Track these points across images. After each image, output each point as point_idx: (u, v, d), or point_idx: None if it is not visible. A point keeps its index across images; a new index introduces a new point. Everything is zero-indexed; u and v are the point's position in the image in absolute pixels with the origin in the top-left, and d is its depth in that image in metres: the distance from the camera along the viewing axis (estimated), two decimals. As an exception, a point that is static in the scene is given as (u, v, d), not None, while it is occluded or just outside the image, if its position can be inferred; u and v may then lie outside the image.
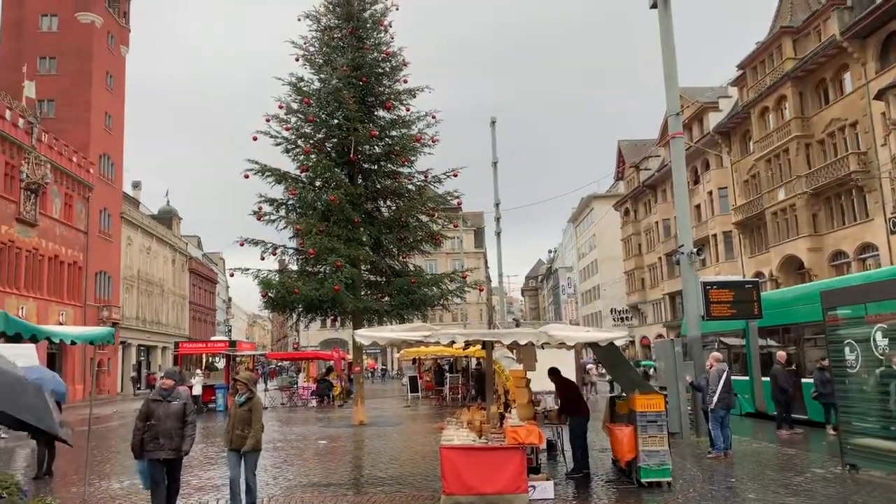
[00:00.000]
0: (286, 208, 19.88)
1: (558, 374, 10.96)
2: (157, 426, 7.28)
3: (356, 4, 20.66)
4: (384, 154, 20.22)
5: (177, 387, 7.71)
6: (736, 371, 18.77)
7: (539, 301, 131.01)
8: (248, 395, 7.87)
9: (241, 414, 7.79)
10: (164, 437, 7.26)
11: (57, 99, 42.70)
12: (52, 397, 9.79)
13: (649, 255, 55.41)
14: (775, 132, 34.00)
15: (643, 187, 54.75)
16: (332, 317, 20.59)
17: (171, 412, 7.35)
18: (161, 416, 7.32)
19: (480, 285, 23.56)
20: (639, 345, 57.95)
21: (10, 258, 33.41)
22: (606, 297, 67.72)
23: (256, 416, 7.78)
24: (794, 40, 33.25)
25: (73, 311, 39.54)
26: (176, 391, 7.58)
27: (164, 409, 7.37)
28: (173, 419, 7.34)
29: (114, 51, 48.09)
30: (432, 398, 29.74)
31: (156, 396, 7.49)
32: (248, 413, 7.77)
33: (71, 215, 40.14)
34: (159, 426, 7.28)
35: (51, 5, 44.41)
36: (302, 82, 20.13)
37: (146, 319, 52.37)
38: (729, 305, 15.30)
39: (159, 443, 7.26)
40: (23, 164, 34.43)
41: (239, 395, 7.94)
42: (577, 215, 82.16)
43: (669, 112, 16.07)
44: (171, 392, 7.50)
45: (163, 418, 7.31)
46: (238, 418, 7.78)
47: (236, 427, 7.74)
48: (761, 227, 36.66)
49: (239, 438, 7.70)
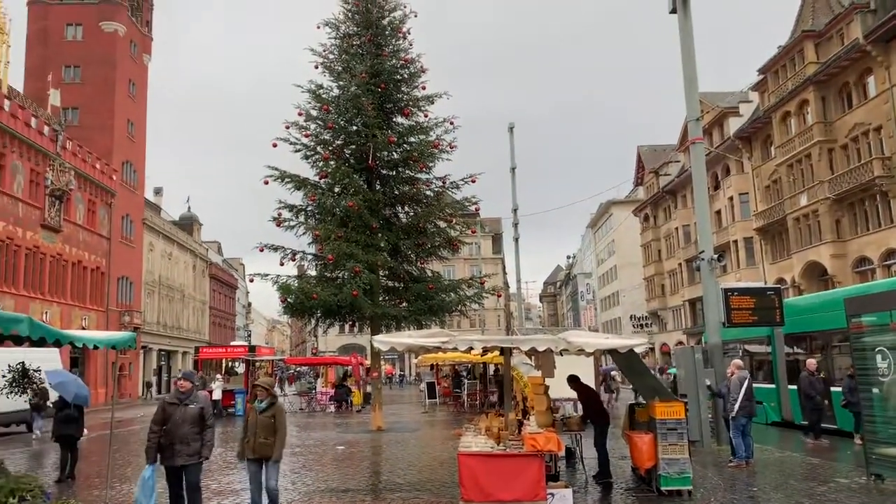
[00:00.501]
0: (305, 214, 20.02)
1: (578, 381, 10.91)
2: (173, 431, 6.96)
3: (375, 12, 20.80)
4: (402, 160, 20.29)
5: (195, 390, 7.42)
6: (761, 379, 18.51)
7: (557, 307, 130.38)
8: (269, 401, 7.39)
9: (263, 421, 7.26)
10: (179, 442, 6.94)
11: (81, 107, 43.39)
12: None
13: (669, 261, 54.97)
14: (797, 137, 33.62)
15: (663, 193, 54.37)
16: (351, 322, 20.69)
17: (187, 416, 7.03)
18: (177, 421, 6.99)
19: (498, 291, 23.50)
20: (658, 352, 57.43)
21: (35, 263, 33.94)
22: (626, 304, 67.24)
23: (281, 422, 7.30)
24: (816, 44, 32.88)
25: (96, 315, 40.05)
26: (194, 394, 7.28)
27: (180, 412, 7.05)
28: (189, 424, 7.02)
29: (136, 59, 48.79)
30: (450, 404, 29.68)
31: (172, 399, 7.17)
32: (270, 420, 7.25)
33: (94, 221, 40.70)
34: (175, 431, 6.96)
35: (76, 15, 45.20)
36: (321, 89, 20.29)
37: (167, 324, 52.90)
38: (750, 312, 15.13)
39: (174, 449, 6.95)
40: (48, 171, 34.99)
41: (259, 400, 7.41)
42: (595, 221, 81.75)
43: (689, 117, 15.96)
44: (189, 395, 7.19)
45: (178, 423, 6.98)
46: (260, 426, 7.24)
47: (259, 435, 7.19)
48: (783, 233, 36.23)
49: (262, 447, 7.17)
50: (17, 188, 32.63)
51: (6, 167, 31.75)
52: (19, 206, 32.62)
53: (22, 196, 32.90)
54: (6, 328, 6.43)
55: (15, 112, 32.46)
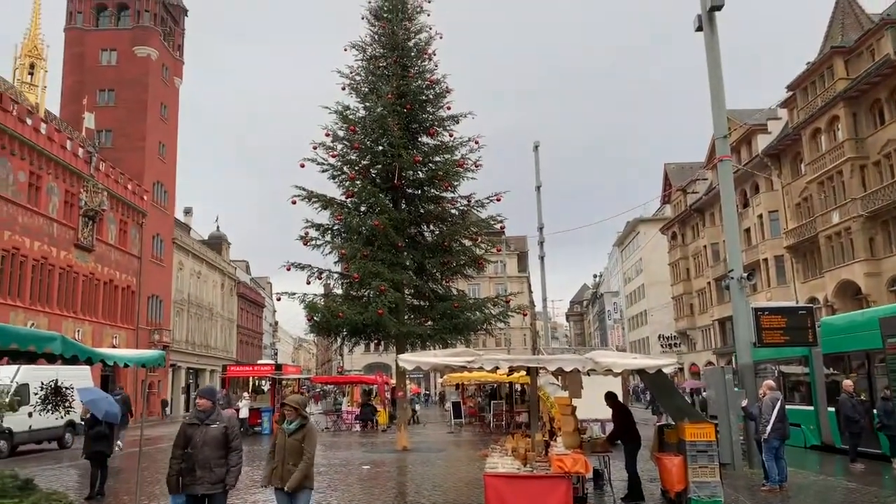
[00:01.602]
0: (332, 233, 20.18)
1: (616, 399, 10.77)
2: (194, 455, 6.22)
3: (401, 35, 21.06)
4: (427, 179, 20.40)
5: (217, 407, 6.60)
6: (798, 401, 18.06)
7: (584, 327, 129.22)
8: (300, 422, 6.43)
9: (291, 444, 6.33)
10: (201, 468, 6.20)
11: (114, 129, 44.45)
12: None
13: (698, 279, 54.26)
14: (828, 154, 33.13)
15: (691, 211, 53.83)
16: (376, 341, 20.71)
17: (209, 438, 6.27)
18: (198, 443, 6.25)
19: (524, 310, 23.41)
20: (688, 372, 56.50)
21: (68, 282, 34.64)
22: (654, 323, 66.41)
23: (310, 445, 6.34)
24: (845, 60, 32.48)
25: (126, 333, 40.65)
26: (216, 412, 6.49)
27: (201, 434, 6.30)
28: (212, 446, 6.26)
29: (168, 82, 49.91)
30: (476, 424, 29.48)
31: (192, 420, 6.46)
32: (299, 443, 6.32)
33: (125, 241, 41.47)
34: (196, 455, 6.22)
35: (110, 41, 46.48)
36: (348, 110, 20.52)
37: (195, 343, 53.48)
38: (782, 332, 14.83)
39: (195, 475, 6.21)
40: (82, 192, 35.82)
41: (288, 421, 6.50)
42: (622, 239, 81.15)
43: (717, 134, 15.83)
44: (210, 414, 6.42)
45: (199, 445, 6.24)
46: (289, 450, 6.32)
47: (287, 461, 6.29)
48: (814, 252, 35.59)
49: (291, 474, 6.29)
50: (52, 209, 33.42)
51: (42, 188, 32.57)
52: (54, 227, 33.40)
53: (57, 216, 33.69)
54: (39, 346, 6.56)
55: (51, 135, 33.35)
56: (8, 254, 29.74)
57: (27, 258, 31.13)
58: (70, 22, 46.19)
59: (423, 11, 21.64)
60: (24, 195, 31.15)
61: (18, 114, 30.66)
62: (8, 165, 29.95)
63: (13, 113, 30.22)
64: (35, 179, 32.10)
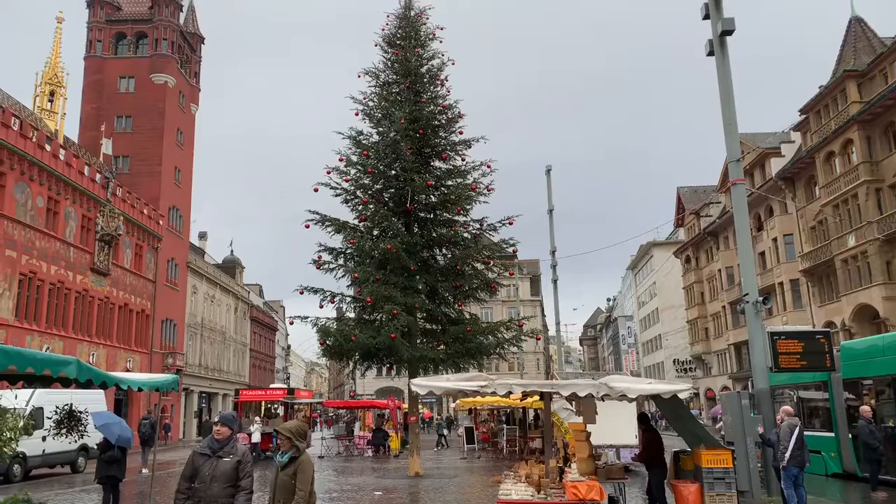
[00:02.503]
0: (345, 257, 20.25)
1: (648, 422, 10.65)
2: (201, 491, 5.46)
3: (414, 61, 21.31)
4: (440, 203, 20.48)
5: (234, 438, 5.77)
6: (817, 427, 17.76)
7: (598, 351, 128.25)
8: (292, 454, 5.51)
9: (282, 481, 5.47)
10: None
11: (132, 155, 45.10)
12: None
13: (712, 303, 53.82)
14: (842, 177, 32.95)
15: (704, 234, 53.59)
16: (388, 365, 20.66)
17: (218, 473, 5.49)
18: (206, 477, 5.49)
19: (537, 334, 23.29)
20: (703, 397, 55.82)
21: (83, 306, 34.92)
22: (669, 348, 65.81)
23: (303, 482, 5.40)
24: (858, 84, 32.45)
25: (140, 357, 40.82)
26: (232, 444, 5.67)
27: (210, 466, 5.53)
28: (221, 483, 5.46)
29: (184, 109, 50.67)
30: (489, 450, 29.21)
31: (203, 450, 5.66)
32: (290, 480, 5.43)
33: (141, 265, 41.83)
34: (203, 491, 5.46)
35: (129, 68, 47.37)
36: (361, 135, 20.73)
37: (208, 366, 53.57)
38: (798, 357, 14.64)
39: None
40: (98, 217, 36.25)
41: (281, 453, 5.58)
42: (636, 262, 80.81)
43: (730, 158, 15.79)
44: (227, 444, 5.63)
45: (207, 480, 5.47)
46: (279, 487, 5.48)
47: (277, 498, 5.47)
48: (831, 275, 35.23)
49: None
50: (70, 233, 33.82)
51: (60, 213, 33.00)
52: (71, 251, 33.77)
53: (74, 241, 34.08)
54: (55, 370, 6.61)
55: (70, 161, 33.88)
56: (25, 278, 30.07)
57: (44, 282, 31.46)
58: (90, 50, 47.15)
59: (436, 38, 21.94)
60: (42, 220, 31.58)
61: (38, 140, 31.20)
62: (27, 191, 30.42)
63: (33, 139, 30.76)
64: (53, 204, 32.55)
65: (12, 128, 29.29)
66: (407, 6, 22.35)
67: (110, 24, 47.80)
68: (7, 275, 28.75)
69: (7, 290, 28.78)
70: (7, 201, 28.94)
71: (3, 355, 6.21)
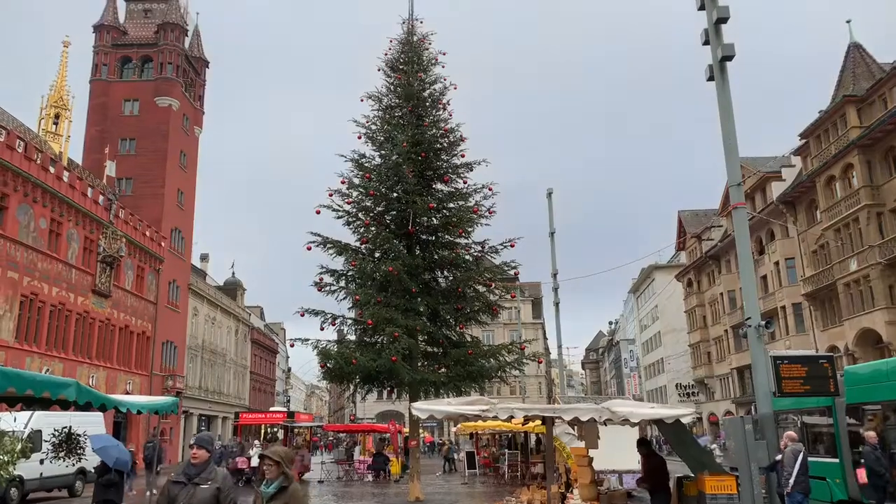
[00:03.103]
0: (346, 279, 20.25)
1: (650, 447, 10.53)
2: None
3: (416, 85, 21.51)
4: (441, 225, 20.54)
5: (212, 461, 5.30)
6: (822, 453, 17.58)
7: (600, 374, 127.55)
8: (280, 483, 4.92)
9: None
10: None
11: (135, 177, 45.28)
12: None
13: (715, 327, 53.62)
14: (843, 201, 33.02)
15: (706, 258, 53.58)
16: (389, 388, 20.55)
17: (196, 502, 4.98)
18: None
19: (539, 357, 23.22)
20: (706, 422, 55.38)
21: (84, 328, 34.83)
22: (671, 372, 65.45)
23: None
24: (858, 109, 32.67)
25: (140, 380, 40.61)
26: (210, 469, 5.19)
27: (186, 495, 5.01)
28: None
29: (188, 132, 51.01)
30: (490, 475, 28.92)
31: (178, 477, 5.18)
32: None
33: (142, 287, 41.80)
34: None
35: (133, 91, 47.76)
36: (364, 158, 20.87)
37: (208, 389, 53.27)
38: (802, 381, 14.49)
39: None
40: (101, 239, 36.32)
41: (266, 482, 4.98)
42: (637, 286, 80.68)
43: (731, 182, 15.79)
44: (203, 469, 5.14)
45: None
46: None
47: None
48: (833, 299, 35.14)
49: None
50: (72, 255, 33.85)
51: (62, 235, 33.07)
52: (73, 273, 33.77)
53: (76, 263, 34.09)
54: (54, 392, 6.58)
55: (73, 183, 34.03)
56: (27, 299, 30.04)
57: (45, 304, 31.42)
58: (95, 74, 47.57)
59: (438, 63, 22.17)
60: (45, 241, 31.63)
61: (42, 162, 31.36)
62: (30, 212, 30.52)
63: (37, 161, 30.93)
64: (56, 226, 32.63)
65: (17, 150, 29.47)
66: (409, 32, 22.62)
67: (116, 49, 48.29)
68: (8, 296, 28.73)
69: (8, 311, 28.74)
70: (10, 223, 29.02)
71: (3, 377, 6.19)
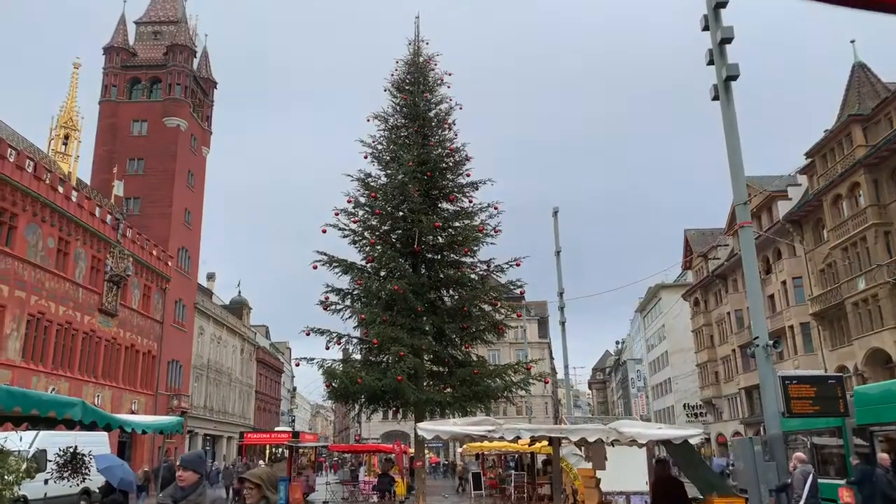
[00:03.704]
0: (352, 298, 20.25)
1: (667, 468, 10.33)
2: None
3: (422, 105, 21.66)
4: (447, 244, 20.55)
5: (203, 483, 4.83)
6: (832, 474, 17.36)
7: (607, 395, 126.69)
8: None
9: None
10: None
11: (143, 196, 45.58)
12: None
13: (722, 346, 53.26)
14: (850, 220, 32.92)
15: (712, 277, 53.36)
16: (394, 408, 20.45)
17: None
18: None
19: (546, 377, 23.07)
20: (714, 443, 54.81)
21: (90, 347, 34.87)
22: (678, 392, 64.94)
23: None
24: (864, 128, 32.70)
25: (146, 399, 40.54)
26: (200, 491, 4.73)
27: None
28: None
29: (196, 152, 51.39)
30: (496, 496, 28.63)
31: (164, 500, 4.77)
32: None
33: (148, 306, 41.88)
34: None
35: (142, 112, 48.23)
36: (370, 177, 20.96)
37: (213, 408, 53.11)
38: (811, 402, 14.36)
39: None
40: (108, 258, 36.47)
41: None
42: (644, 305, 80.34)
43: (736, 201, 15.77)
44: (192, 492, 4.69)
45: None
46: None
47: None
48: (842, 319, 34.89)
49: None
50: (79, 274, 33.99)
51: (70, 254, 33.24)
52: (80, 292, 33.89)
53: (83, 282, 34.22)
54: (60, 412, 6.58)
55: (81, 202, 34.27)
56: (34, 318, 30.12)
57: (52, 323, 31.50)
58: (105, 95, 48.09)
59: (444, 84, 22.33)
60: (53, 261, 31.78)
61: (51, 182, 31.62)
62: (38, 232, 30.71)
63: (46, 181, 31.18)
64: (64, 245, 32.80)
65: (26, 170, 29.73)
66: (416, 53, 22.83)
67: (125, 70, 48.85)
68: (16, 315, 28.82)
69: (15, 330, 28.82)
70: (18, 242, 29.19)
71: (9, 396, 6.19)
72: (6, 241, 28.52)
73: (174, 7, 52.99)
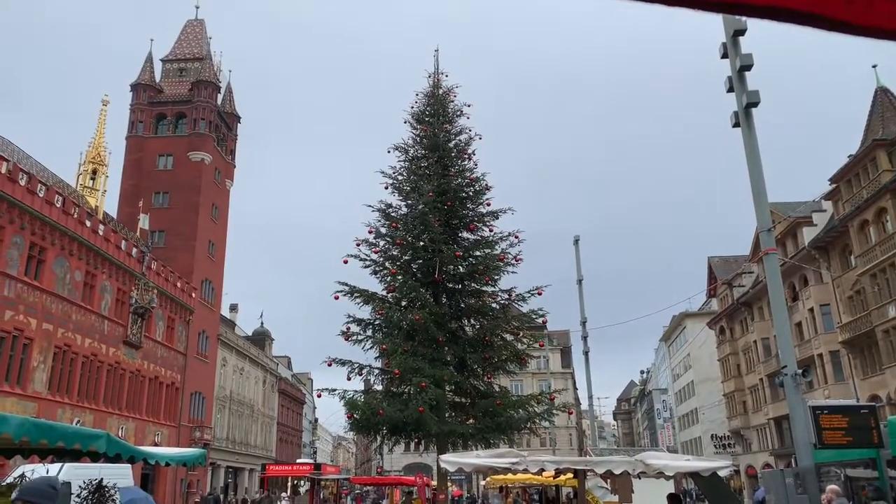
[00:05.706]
0: (373, 328, 20.25)
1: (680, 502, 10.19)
2: None
3: (442, 136, 21.86)
4: (468, 273, 20.54)
5: None
6: (867, 508, 16.81)
7: (633, 425, 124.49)
8: None
9: None
10: None
11: (167, 229, 46.26)
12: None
13: (749, 376, 52.22)
14: (878, 246, 32.36)
15: (738, 305, 52.57)
16: (416, 440, 20.27)
17: None
18: None
19: (570, 408, 22.78)
20: (744, 475, 53.44)
21: (115, 379, 35.14)
22: (705, 422, 63.62)
23: None
24: (888, 152, 32.32)
25: (168, 431, 40.63)
26: None
27: None
28: None
29: (220, 185, 52.18)
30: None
31: None
32: None
33: (172, 338, 42.20)
34: None
35: (167, 146, 49.22)
36: (390, 208, 21.11)
37: (235, 440, 53.04)
38: (844, 433, 13.97)
39: None
40: (133, 290, 36.92)
41: None
42: (669, 334, 79.26)
43: (760, 228, 15.60)
44: None
45: None
46: None
47: None
48: (873, 346, 34.08)
49: None
50: (105, 307, 34.42)
51: (96, 287, 33.71)
52: (105, 324, 34.28)
53: (108, 314, 34.63)
54: (85, 444, 6.61)
55: (108, 236, 34.85)
56: (60, 350, 30.48)
57: (77, 355, 31.83)
58: (132, 131, 49.21)
59: (463, 115, 22.55)
60: (79, 293, 32.24)
61: (79, 216, 32.24)
62: (66, 265, 31.22)
63: (74, 216, 31.79)
64: (90, 279, 33.29)
65: (55, 205, 30.36)
66: (435, 85, 23.11)
67: (152, 106, 50.00)
68: (43, 348, 29.19)
69: (42, 362, 29.16)
70: (47, 275, 29.69)
71: (36, 429, 6.24)
72: (35, 274, 29.02)
73: (199, 44, 54.32)
